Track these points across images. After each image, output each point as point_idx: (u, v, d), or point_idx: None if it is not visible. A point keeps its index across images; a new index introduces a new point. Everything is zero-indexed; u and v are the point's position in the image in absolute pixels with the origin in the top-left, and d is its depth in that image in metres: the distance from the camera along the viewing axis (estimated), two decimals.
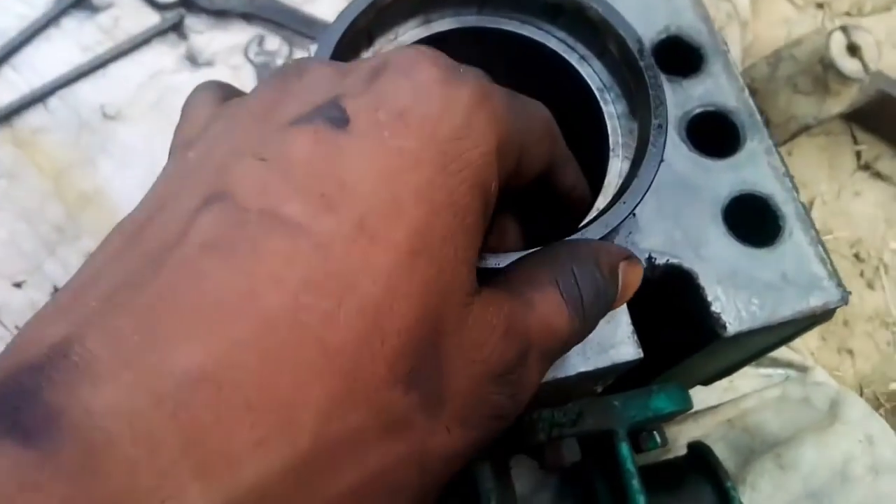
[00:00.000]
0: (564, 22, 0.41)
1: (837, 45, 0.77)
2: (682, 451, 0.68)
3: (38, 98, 0.81)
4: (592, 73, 0.41)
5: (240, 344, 0.19)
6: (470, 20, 0.42)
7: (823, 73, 0.79)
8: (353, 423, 0.20)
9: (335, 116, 0.23)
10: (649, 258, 0.45)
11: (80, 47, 0.85)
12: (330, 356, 0.19)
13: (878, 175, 0.98)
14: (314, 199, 0.21)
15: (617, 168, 0.40)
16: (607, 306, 0.30)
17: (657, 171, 0.36)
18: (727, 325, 0.44)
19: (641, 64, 0.38)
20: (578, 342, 0.29)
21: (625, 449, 0.59)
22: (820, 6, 1.06)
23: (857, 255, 0.93)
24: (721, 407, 0.73)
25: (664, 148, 0.36)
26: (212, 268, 0.20)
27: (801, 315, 0.46)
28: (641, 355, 0.43)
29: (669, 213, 0.47)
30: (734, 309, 0.45)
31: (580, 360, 0.43)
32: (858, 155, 0.98)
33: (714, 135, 0.51)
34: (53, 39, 0.85)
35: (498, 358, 0.24)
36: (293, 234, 0.20)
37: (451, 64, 0.26)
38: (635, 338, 0.43)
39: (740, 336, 0.45)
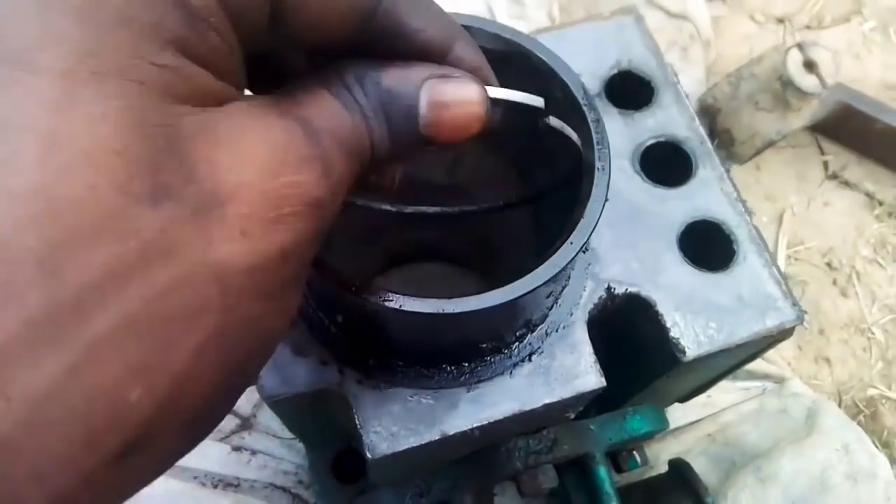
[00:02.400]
0: (512, 72, 0.42)
1: (794, 62, 0.79)
2: (665, 468, 0.69)
3: None
4: None
5: None
6: None
7: (782, 90, 0.81)
8: (97, 260, 0.17)
9: None
10: (609, 288, 0.47)
11: None
12: (27, 202, 0.17)
13: (846, 184, 0.99)
14: None
15: None
16: (407, 119, 0.26)
17: (601, 211, 0.37)
18: (686, 349, 0.45)
19: (584, 107, 0.39)
20: (386, 152, 0.26)
21: (602, 471, 0.60)
22: (780, 21, 1.08)
23: (829, 264, 0.94)
24: (701, 422, 0.74)
25: (608, 188, 0.37)
26: None
27: (758, 336, 0.47)
28: (604, 384, 0.44)
29: (626, 243, 0.48)
30: (692, 334, 0.46)
31: (545, 392, 0.43)
32: (826, 165, 0.99)
33: (667, 164, 0.52)
34: None
35: (279, 143, 0.22)
36: None
37: None
38: (598, 367, 0.44)
39: (700, 359, 0.46)
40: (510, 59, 0.41)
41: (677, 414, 0.74)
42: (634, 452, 0.66)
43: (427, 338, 0.41)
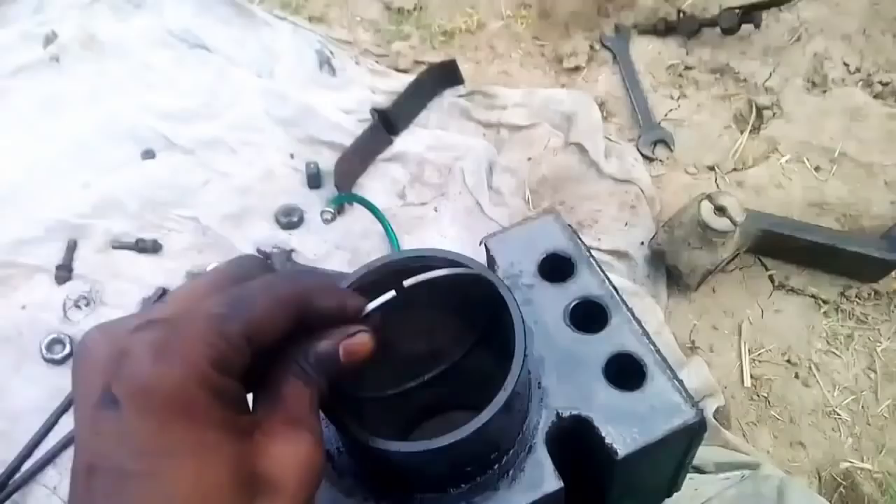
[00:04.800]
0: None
1: (706, 210, 0.97)
2: None
3: None
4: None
5: None
6: None
7: (703, 232, 0.99)
8: None
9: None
10: (558, 414, 0.63)
11: None
12: None
13: (792, 291, 1.13)
14: None
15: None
16: (333, 364, 0.41)
17: (521, 370, 0.53)
18: (618, 451, 0.60)
19: (511, 312, 0.56)
20: (324, 387, 0.41)
21: None
22: (711, 168, 1.29)
23: (789, 361, 1.06)
24: None
25: (525, 354, 0.54)
26: None
27: (670, 432, 0.61)
28: (562, 485, 0.59)
29: (566, 378, 0.64)
30: (621, 438, 0.61)
31: (521, 498, 0.59)
32: (772, 278, 1.14)
33: (590, 316, 0.69)
34: None
35: (302, 456, 0.36)
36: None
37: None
38: (556, 474, 0.59)
39: (631, 457, 0.61)
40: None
41: None
42: None
43: (427, 469, 0.58)
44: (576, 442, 0.64)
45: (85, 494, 0.30)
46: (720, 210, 0.98)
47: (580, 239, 0.76)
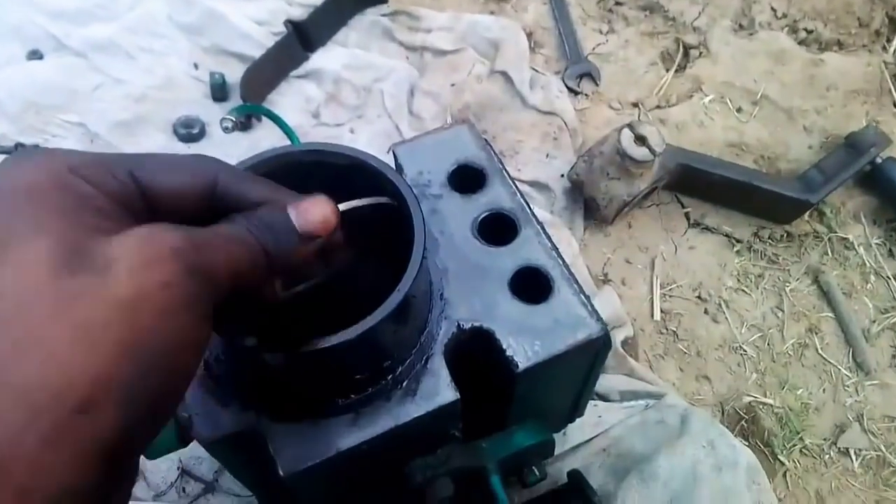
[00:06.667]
0: (358, 176, 0.55)
1: (626, 138, 0.95)
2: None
3: None
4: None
5: None
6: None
7: (623, 161, 0.97)
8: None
9: None
10: (458, 325, 0.59)
11: None
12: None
13: (707, 229, 1.14)
14: None
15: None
16: (291, 237, 0.38)
17: (419, 270, 0.49)
18: (518, 363, 0.58)
19: (410, 206, 0.52)
20: (283, 253, 0.37)
21: (496, 481, 0.70)
22: (635, 105, 1.27)
23: (699, 296, 1.07)
24: (595, 439, 0.85)
25: (423, 256, 0.50)
26: None
27: (573, 346, 0.59)
28: (458, 397, 0.55)
29: (470, 291, 0.61)
30: (522, 351, 0.58)
31: (413, 409, 0.55)
32: (687, 216, 1.14)
33: (498, 229, 0.66)
34: None
35: (149, 230, 0.32)
36: None
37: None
38: (453, 385, 0.56)
39: (532, 370, 0.58)
40: (356, 167, 0.55)
41: (576, 434, 0.85)
42: (534, 468, 0.77)
43: (312, 377, 0.53)
44: (477, 356, 0.61)
45: None
46: (640, 139, 0.96)
47: (493, 150, 0.72)
